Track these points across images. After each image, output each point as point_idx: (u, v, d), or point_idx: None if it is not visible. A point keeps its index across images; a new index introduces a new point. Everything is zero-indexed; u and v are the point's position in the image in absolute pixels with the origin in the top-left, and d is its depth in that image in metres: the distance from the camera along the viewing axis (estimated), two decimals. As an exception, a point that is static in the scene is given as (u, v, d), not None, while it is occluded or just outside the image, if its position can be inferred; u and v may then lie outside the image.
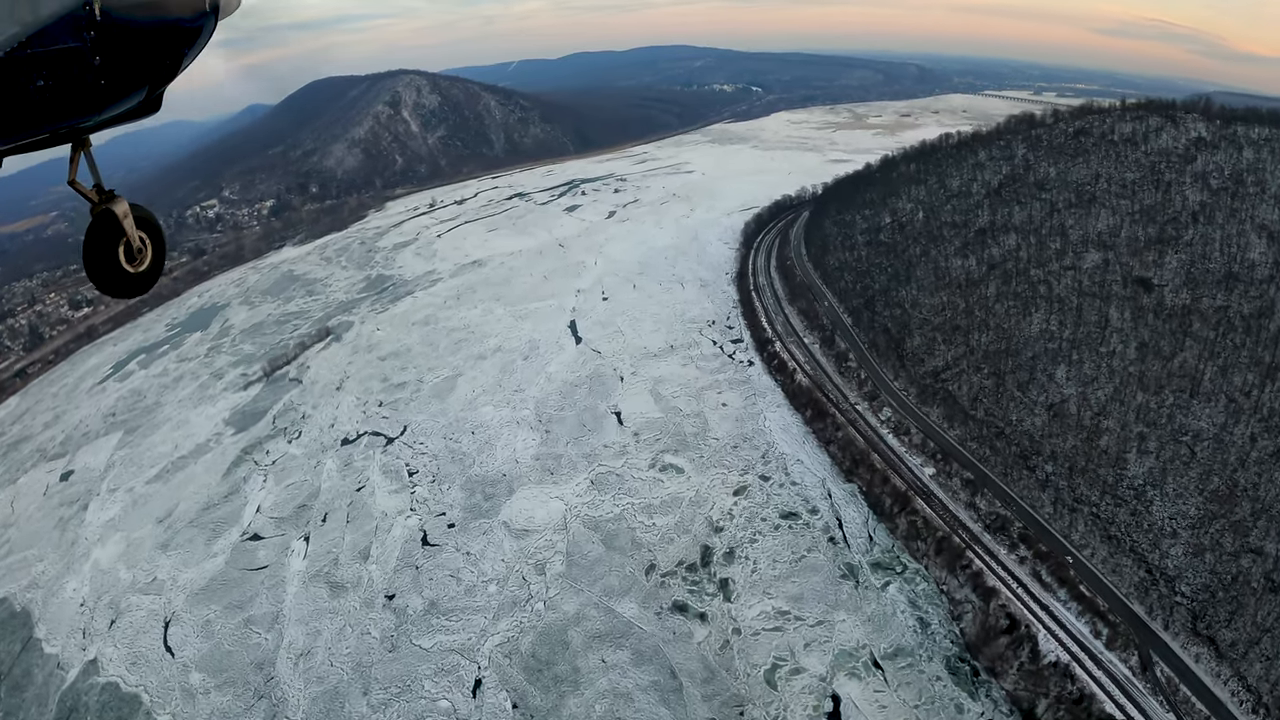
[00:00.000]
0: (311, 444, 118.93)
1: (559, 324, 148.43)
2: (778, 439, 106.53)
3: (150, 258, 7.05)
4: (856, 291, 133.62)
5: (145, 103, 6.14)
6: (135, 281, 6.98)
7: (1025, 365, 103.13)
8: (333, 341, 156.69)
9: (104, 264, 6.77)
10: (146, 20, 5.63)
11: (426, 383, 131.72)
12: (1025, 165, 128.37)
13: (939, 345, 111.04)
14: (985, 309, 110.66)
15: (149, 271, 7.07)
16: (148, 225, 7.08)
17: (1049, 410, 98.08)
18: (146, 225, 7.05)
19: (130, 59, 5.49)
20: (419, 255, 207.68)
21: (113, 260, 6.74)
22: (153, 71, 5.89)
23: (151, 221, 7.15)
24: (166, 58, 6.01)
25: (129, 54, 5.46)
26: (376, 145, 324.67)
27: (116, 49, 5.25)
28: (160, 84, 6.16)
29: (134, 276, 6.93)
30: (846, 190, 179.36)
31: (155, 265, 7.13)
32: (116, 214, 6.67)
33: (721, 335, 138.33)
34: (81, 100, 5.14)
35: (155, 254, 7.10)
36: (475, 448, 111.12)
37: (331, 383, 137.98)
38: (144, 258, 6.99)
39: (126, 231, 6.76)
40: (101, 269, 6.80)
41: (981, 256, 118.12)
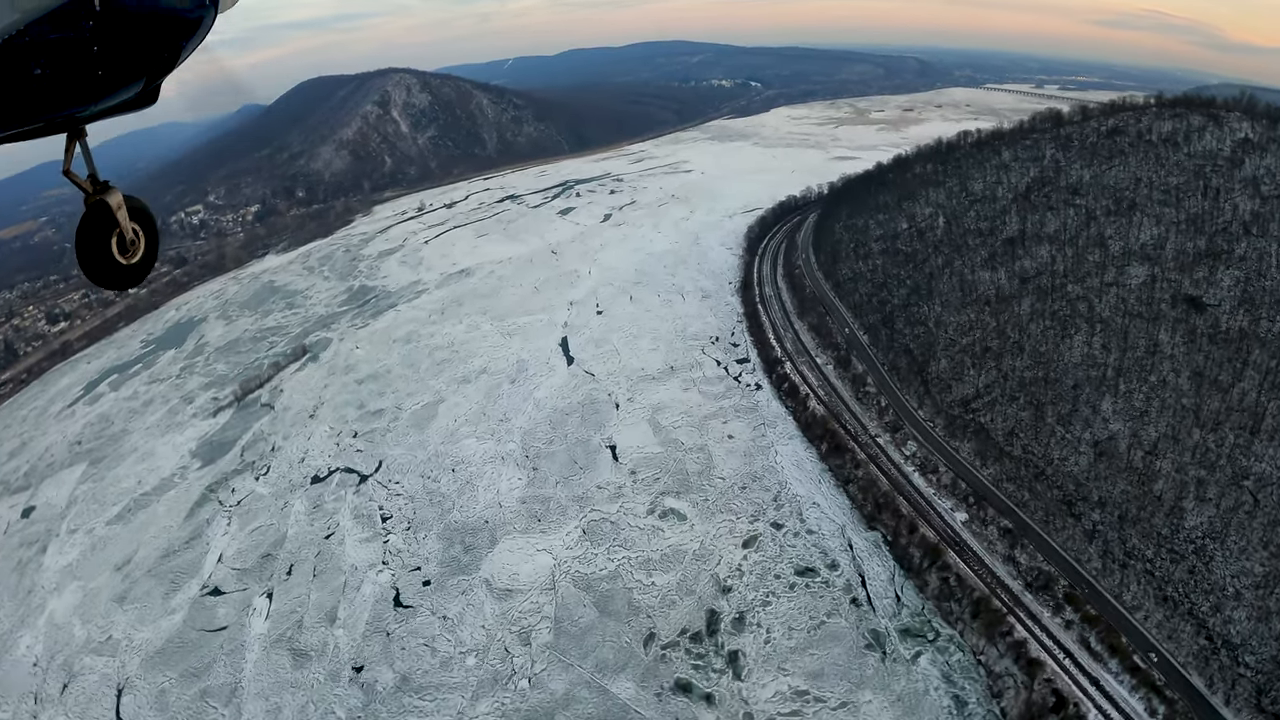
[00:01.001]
0: (280, 481, 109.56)
1: (549, 341, 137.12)
2: (791, 478, 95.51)
3: (143, 250, 6.90)
4: (873, 306, 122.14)
5: (143, 94, 6.06)
6: (127, 273, 6.84)
7: (1066, 395, 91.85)
8: (309, 361, 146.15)
9: (96, 255, 6.62)
10: (146, 10, 5.56)
11: (405, 410, 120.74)
12: (1055, 167, 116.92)
13: (968, 370, 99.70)
14: (1019, 329, 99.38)
15: (141, 263, 6.93)
16: (141, 217, 6.90)
17: (1095, 448, 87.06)
18: (140, 216, 6.87)
19: (129, 49, 5.43)
20: (404, 264, 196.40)
21: (105, 252, 6.62)
22: (151, 62, 5.82)
23: (145, 213, 6.97)
24: (165, 49, 5.94)
25: (128, 44, 5.39)
26: (365, 146, 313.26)
27: (115, 39, 5.17)
28: (159, 75, 6.07)
29: (126, 268, 6.79)
30: (857, 191, 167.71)
31: (148, 257, 6.98)
32: (110, 205, 6.55)
33: (726, 354, 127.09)
34: (79, 89, 5.07)
35: (148, 246, 6.95)
36: (455, 488, 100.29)
37: (305, 409, 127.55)
38: (136, 250, 6.84)
39: (120, 223, 6.62)
40: (94, 260, 6.65)
41: (1012, 269, 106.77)
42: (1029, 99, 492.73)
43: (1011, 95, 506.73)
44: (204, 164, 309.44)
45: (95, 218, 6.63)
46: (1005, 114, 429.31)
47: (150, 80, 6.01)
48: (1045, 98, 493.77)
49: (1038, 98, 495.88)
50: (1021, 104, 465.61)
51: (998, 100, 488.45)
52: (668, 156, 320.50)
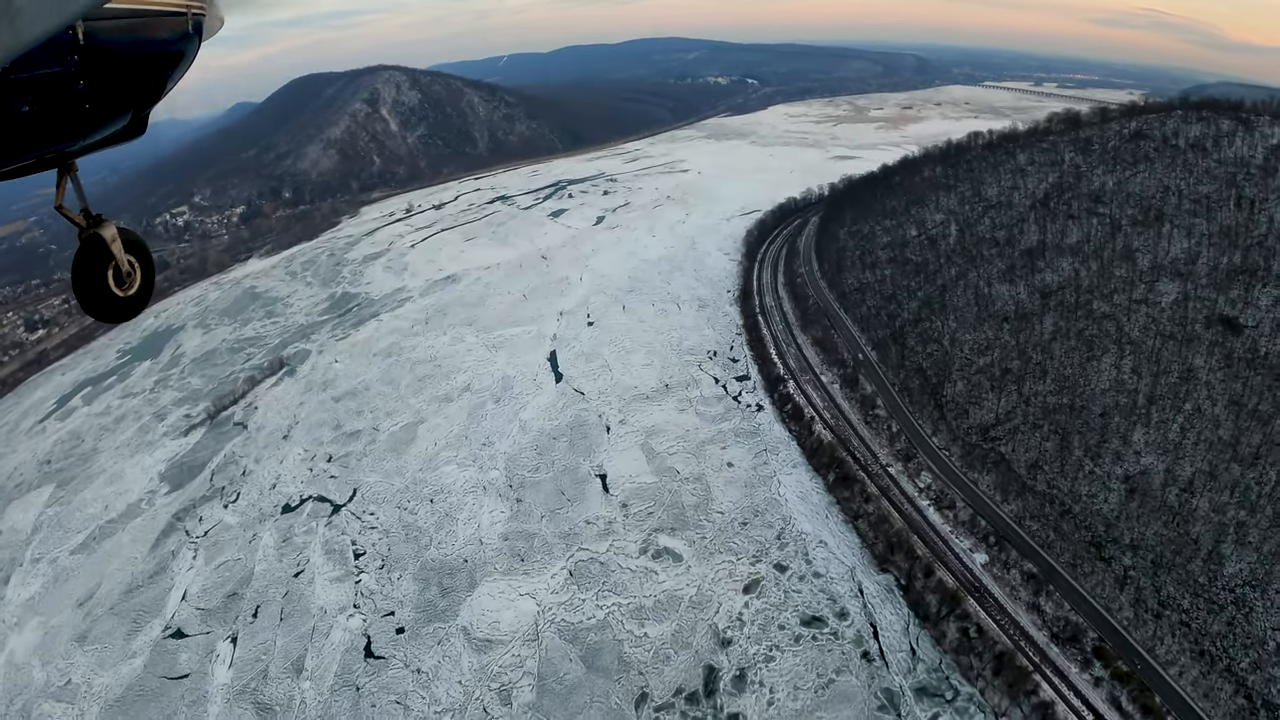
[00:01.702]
0: (249, 510, 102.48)
1: (537, 355, 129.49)
2: (795, 512, 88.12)
3: (139, 281, 6.85)
4: (881, 320, 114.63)
5: (130, 125, 6.10)
6: (125, 305, 6.76)
7: (1094, 425, 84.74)
8: (286, 376, 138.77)
9: (93, 288, 6.52)
10: (130, 43, 5.57)
11: (383, 431, 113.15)
12: (1076, 173, 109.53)
13: (986, 393, 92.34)
14: (1041, 350, 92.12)
15: (138, 295, 6.86)
16: (136, 248, 6.87)
17: (1125, 484, 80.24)
18: (135, 248, 6.85)
19: (115, 82, 5.41)
20: (389, 269, 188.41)
21: (102, 284, 6.53)
22: (137, 94, 5.84)
23: (140, 245, 6.96)
24: (151, 80, 5.97)
25: (113, 77, 5.37)
26: (353, 146, 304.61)
27: (100, 73, 5.14)
28: (145, 106, 6.10)
29: (123, 300, 6.72)
30: (861, 195, 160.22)
31: (145, 288, 6.92)
32: (104, 238, 6.49)
33: (724, 371, 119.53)
34: (67, 125, 5.06)
35: (144, 277, 6.90)
36: (433, 521, 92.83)
37: (278, 429, 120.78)
38: (133, 281, 6.78)
39: (115, 255, 6.56)
40: (91, 293, 6.54)
41: (1032, 283, 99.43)
42: (1028, 97, 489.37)
43: (1010, 93, 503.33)
44: (191, 164, 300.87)
45: (90, 251, 6.49)
46: (1005, 111, 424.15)
47: (138, 112, 5.98)
48: (1044, 95, 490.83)
49: (1037, 95, 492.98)
50: (1021, 102, 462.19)
51: (997, 98, 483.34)
52: (663, 155, 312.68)
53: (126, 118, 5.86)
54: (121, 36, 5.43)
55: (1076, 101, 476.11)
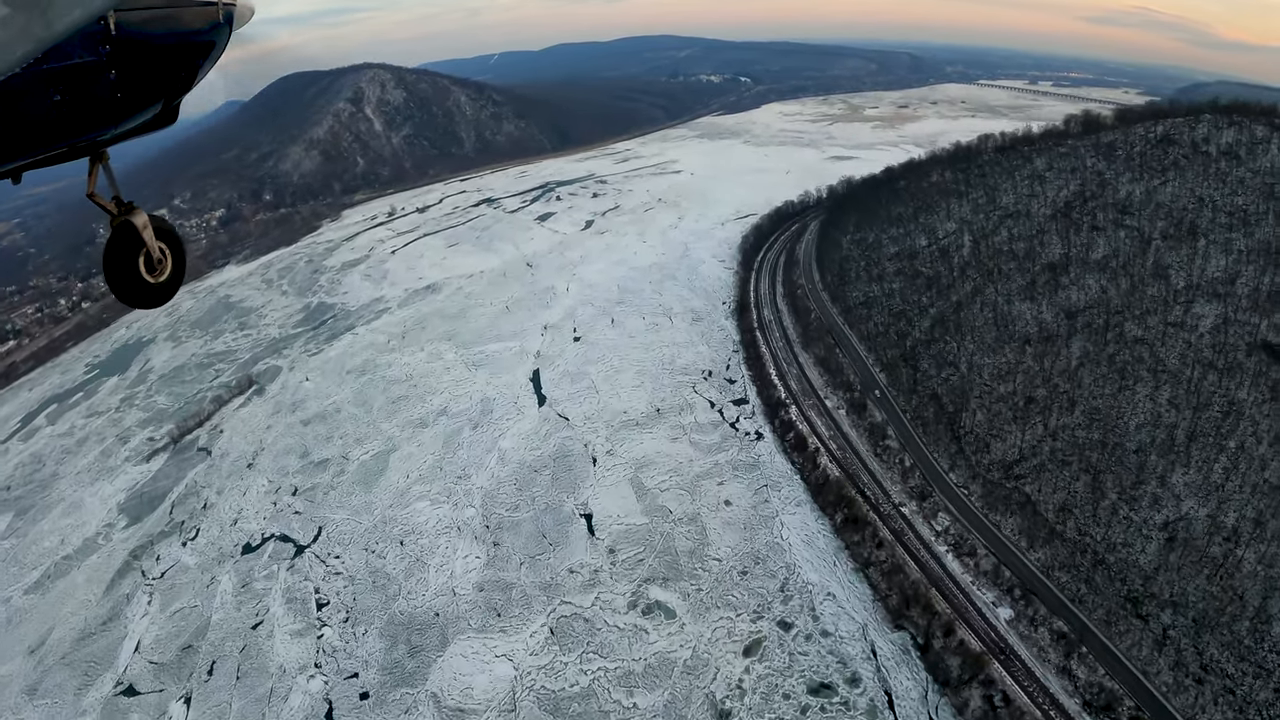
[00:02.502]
0: (208, 549, 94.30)
1: (519, 375, 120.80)
2: (800, 558, 79.71)
3: (170, 268, 6.93)
4: (891, 338, 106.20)
5: (162, 114, 6.12)
6: (156, 291, 6.86)
7: (1129, 464, 76.58)
8: (254, 395, 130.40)
9: (125, 275, 6.63)
10: (161, 33, 5.63)
11: (352, 461, 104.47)
12: (1100, 180, 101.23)
13: (1008, 425, 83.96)
14: (1068, 377, 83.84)
15: (169, 281, 6.95)
16: (167, 236, 6.95)
17: (1164, 532, 72.38)
18: (166, 236, 6.93)
19: (146, 72, 5.45)
20: (367, 278, 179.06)
21: (133, 271, 6.62)
22: (168, 84, 5.87)
23: (171, 232, 7.03)
24: (182, 70, 6.01)
25: (144, 67, 5.41)
26: (336, 146, 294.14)
27: (132, 63, 5.20)
28: (176, 96, 6.12)
29: (155, 287, 6.81)
30: (864, 199, 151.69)
31: (176, 275, 7.00)
32: (136, 225, 6.59)
33: (721, 393, 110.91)
34: (99, 114, 5.10)
35: (175, 264, 6.97)
36: (403, 567, 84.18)
37: (243, 456, 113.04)
38: (164, 268, 6.87)
39: (146, 242, 6.65)
40: (122, 280, 6.66)
41: (1056, 301, 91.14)
42: (1024, 96, 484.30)
43: (1006, 92, 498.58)
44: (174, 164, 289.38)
45: (122, 238, 6.55)
46: (1002, 110, 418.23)
47: (169, 101, 5.99)
48: (1040, 94, 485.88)
49: (1033, 94, 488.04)
50: (1018, 101, 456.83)
51: (993, 96, 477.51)
52: (655, 156, 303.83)
53: (158, 107, 5.83)
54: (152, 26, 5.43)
55: (1073, 101, 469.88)
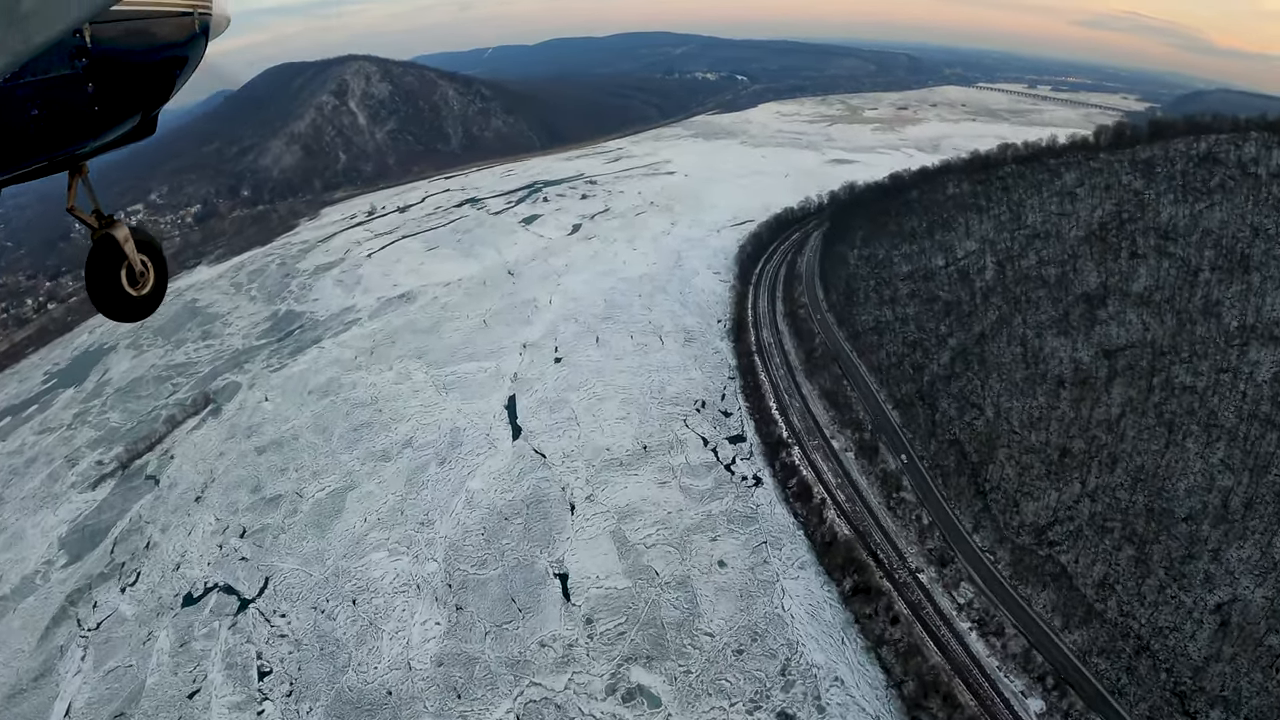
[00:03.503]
0: (148, 597, 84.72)
1: (493, 401, 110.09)
2: (803, 634, 69.43)
3: (153, 280, 6.90)
4: (905, 371, 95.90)
5: (140, 126, 6.15)
6: (139, 304, 6.83)
7: (1179, 534, 66.40)
8: (210, 415, 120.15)
9: (107, 288, 6.59)
10: (138, 45, 5.60)
11: (306, 498, 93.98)
12: (1138, 201, 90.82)
13: (1040, 481, 73.53)
14: (1108, 428, 73.43)
15: (152, 294, 6.93)
16: (148, 248, 6.92)
17: (1216, 615, 62.80)
18: (147, 248, 6.90)
19: (123, 85, 5.44)
20: (340, 283, 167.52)
21: (115, 284, 6.59)
22: (146, 95, 5.88)
23: (152, 245, 7.00)
24: (159, 81, 6.02)
25: (122, 80, 5.40)
26: (318, 141, 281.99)
27: (109, 75, 5.17)
28: (154, 107, 6.14)
29: (137, 300, 6.79)
30: (871, 209, 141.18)
31: (158, 288, 7.00)
32: (117, 238, 6.54)
33: (715, 428, 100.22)
34: (77, 127, 5.10)
35: (158, 276, 6.96)
36: (354, 632, 74.03)
37: (192, 487, 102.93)
38: (146, 281, 6.84)
39: (128, 255, 6.62)
40: (105, 293, 6.62)
41: (1093, 338, 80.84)
42: (1024, 100, 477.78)
43: (1006, 95, 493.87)
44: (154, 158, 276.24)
45: (103, 251, 6.55)
46: (1003, 115, 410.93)
47: (147, 113, 6.02)
48: (1040, 99, 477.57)
49: (1032, 99, 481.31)
50: (1018, 105, 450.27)
51: (992, 100, 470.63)
52: (648, 155, 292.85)
53: (136, 119, 5.86)
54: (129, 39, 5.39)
55: (1073, 106, 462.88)
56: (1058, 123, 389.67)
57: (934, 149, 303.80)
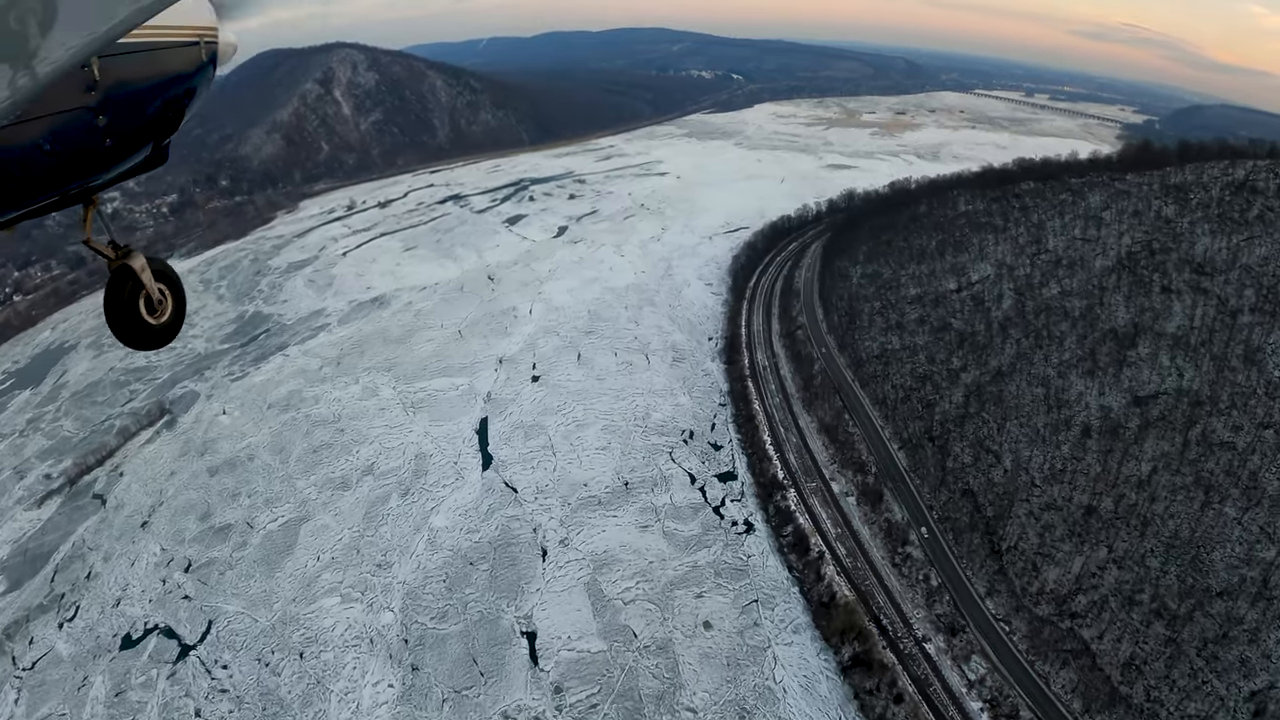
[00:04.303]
0: (85, 636, 77.58)
1: (464, 424, 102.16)
2: (797, 711, 63.37)
3: (171, 308, 6.95)
4: (914, 408, 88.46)
5: (152, 156, 6.18)
6: (158, 333, 6.84)
7: (1214, 612, 59.63)
8: (165, 428, 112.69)
9: (126, 318, 6.63)
10: (147, 78, 5.56)
11: (257, 529, 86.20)
12: (1170, 230, 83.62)
13: (1062, 544, 66.29)
14: (1139, 486, 66.16)
15: (171, 322, 6.95)
16: (165, 278, 6.95)
17: (1251, 703, 58.17)
18: (164, 278, 6.93)
19: (133, 117, 5.44)
20: (311, 284, 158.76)
21: (134, 314, 6.64)
22: (157, 126, 5.89)
23: (169, 274, 7.03)
24: (169, 112, 6.00)
25: (132, 112, 5.38)
26: (300, 131, 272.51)
27: (119, 108, 5.12)
28: (164, 136, 6.16)
29: (157, 328, 6.81)
30: (876, 222, 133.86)
31: (176, 316, 7.03)
32: (134, 268, 6.60)
33: (704, 463, 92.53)
34: (88, 161, 5.07)
35: (176, 305, 7.00)
36: (300, 691, 67.22)
37: (139, 510, 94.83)
38: (164, 309, 6.87)
39: (145, 285, 6.67)
40: (124, 323, 6.65)
41: (1122, 382, 73.60)
42: (1022, 108, 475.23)
43: (1004, 103, 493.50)
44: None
45: (121, 281, 6.59)
46: (1002, 123, 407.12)
47: (158, 142, 6.03)
48: (1037, 107, 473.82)
49: (1030, 107, 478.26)
50: (1016, 113, 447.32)
51: (990, 107, 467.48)
52: (640, 155, 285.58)
53: (147, 149, 5.89)
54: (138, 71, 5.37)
55: (1071, 116, 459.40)
56: (1057, 132, 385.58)
57: (934, 156, 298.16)
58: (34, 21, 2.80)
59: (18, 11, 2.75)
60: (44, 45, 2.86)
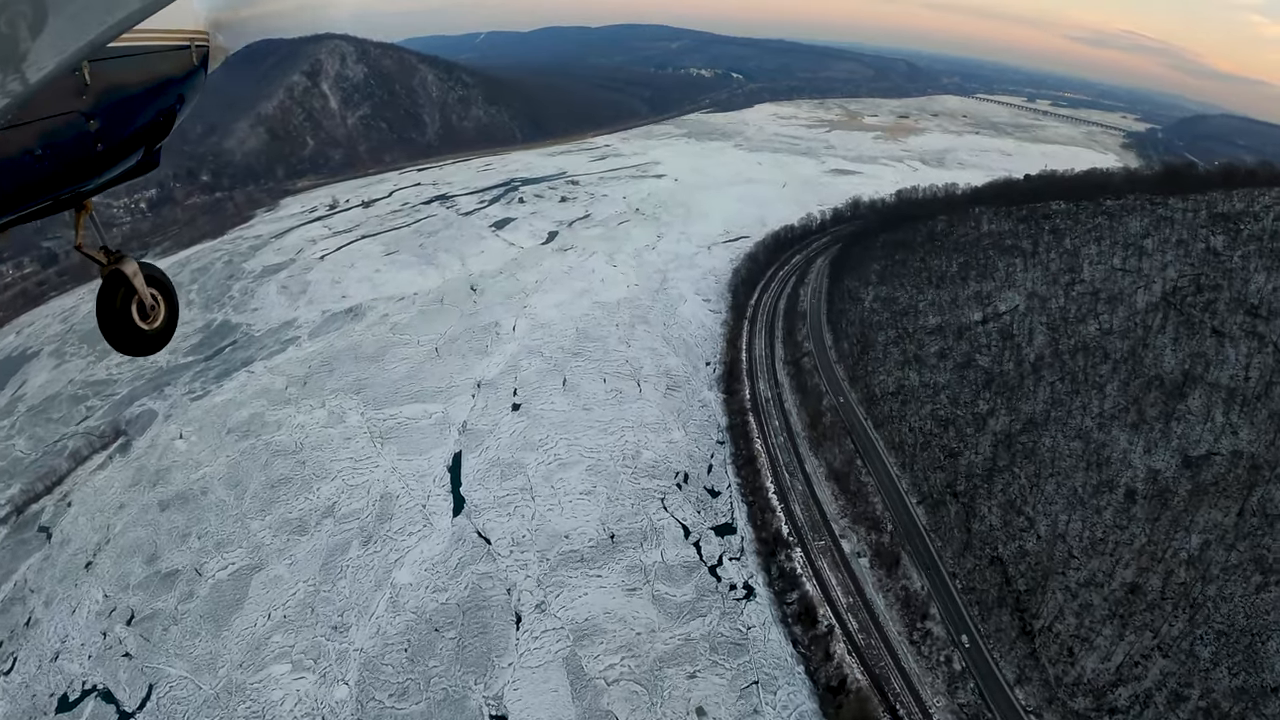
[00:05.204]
0: (20, 694, 70.34)
1: (435, 459, 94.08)
2: (804, 825, 52.51)
3: (163, 314, 6.87)
4: (934, 455, 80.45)
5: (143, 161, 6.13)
6: (150, 339, 6.79)
7: (1270, 716, 49.98)
8: (118, 452, 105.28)
9: (119, 324, 6.56)
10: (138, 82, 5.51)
11: (205, 578, 78.42)
12: (1219, 265, 75.68)
13: (1102, 625, 58.45)
14: (1191, 564, 58.67)
15: (163, 328, 6.88)
16: (158, 283, 6.85)
17: None
18: (156, 283, 6.83)
19: (125, 121, 5.41)
20: (284, 291, 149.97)
21: (127, 320, 6.55)
22: (148, 131, 5.85)
23: (162, 279, 6.94)
24: (160, 116, 5.98)
25: (123, 116, 5.36)
26: (285, 125, 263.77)
27: (110, 113, 5.12)
28: (156, 141, 6.11)
29: (149, 334, 6.74)
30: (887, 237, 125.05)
31: (169, 321, 6.95)
32: (126, 273, 6.49)
33: (699, 512, 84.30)
34: (80, 167, 5.06)
35: (168, 310, 6.92)
36: (232, 785, 56.40)
37: (85, 548, 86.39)
38: (157, 315, 6.79)
39: (138, 290, 6.56)
40: (116, 329, 6.58)
41: (1170, 438, 65.06)
42: (1025, 114, 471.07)
43: (1006, 108, 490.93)
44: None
45: (113, 287, 6.51)
46: (1007, 129, 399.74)
47: (149, 147, 6.00)
48: (1040, 113, 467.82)
49: (1033, 113, 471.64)
50: (1019, 118, 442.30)
51: (993, 112, 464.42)
52: (636, 155, 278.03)
53: (139, 154, 5.85)
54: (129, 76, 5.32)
55: (1074, 123, 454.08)
56: (1062, 140, 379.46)
57: (939, 162, 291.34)
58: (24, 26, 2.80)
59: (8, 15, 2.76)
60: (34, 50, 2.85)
